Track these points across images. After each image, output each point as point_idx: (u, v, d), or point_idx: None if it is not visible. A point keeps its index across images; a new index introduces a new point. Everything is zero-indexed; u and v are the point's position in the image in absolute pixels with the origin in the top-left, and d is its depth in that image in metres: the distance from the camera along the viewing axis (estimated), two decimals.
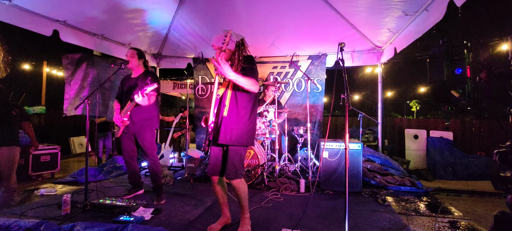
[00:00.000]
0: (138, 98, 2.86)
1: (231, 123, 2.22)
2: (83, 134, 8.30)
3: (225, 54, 2.23)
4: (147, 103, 2.99)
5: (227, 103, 2.23)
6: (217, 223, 2.41)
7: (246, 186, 2.32)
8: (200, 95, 6.12)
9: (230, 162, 2.23)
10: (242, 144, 2.25)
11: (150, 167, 3.21)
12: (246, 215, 2.36)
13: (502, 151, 1.80)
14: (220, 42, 2.18)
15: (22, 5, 3.38)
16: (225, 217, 2.45)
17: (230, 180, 2.24)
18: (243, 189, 2.29)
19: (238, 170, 2.24)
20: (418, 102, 21.17)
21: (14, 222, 2.26)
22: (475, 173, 5.01)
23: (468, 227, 2.56)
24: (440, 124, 6.98)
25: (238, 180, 2.25)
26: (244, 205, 2.32)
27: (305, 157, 4.61)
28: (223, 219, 2.44)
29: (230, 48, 2.24)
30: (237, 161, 2.23)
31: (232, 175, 2.22)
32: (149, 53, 5.74)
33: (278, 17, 4.53)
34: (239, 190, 2.27)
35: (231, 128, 2.22)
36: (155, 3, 4.22)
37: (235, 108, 2.24)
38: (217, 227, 2.38)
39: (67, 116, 4.89)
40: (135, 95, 2.86)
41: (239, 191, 2.27)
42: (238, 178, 2.25)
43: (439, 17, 3.05)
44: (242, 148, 2.28)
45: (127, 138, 3.19)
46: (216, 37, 2.23)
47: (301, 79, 5.67)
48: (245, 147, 2.31)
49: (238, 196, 2.30)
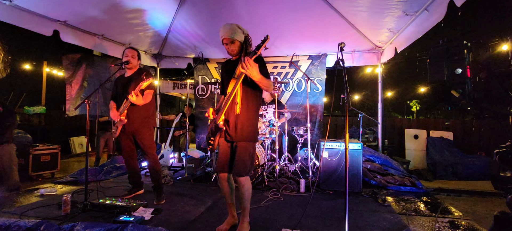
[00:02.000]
0: (132, 98, 2.86)
1: (243, 120, 2.22)
2: (83, 134, 8.30)
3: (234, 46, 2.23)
4: (143, 102, 2.99)
5: (239, 101, 2.23)
6: (225, 223, 2.39)
7: (251, 186, 2.31)
8: (200, 95, 6.12)
9: (240, 159, 2.22)
10: (252, 140, 2.27)
11: (150, 166, 3.21)
12: (246, 219, 2.31)
13: (502, 151, 1.81)
14: (230, 34, 2.18)
15: (23, 5, 3.39)
16: (233, 217, 2.43)
17: (238, 177, 2.23)
18: (248, 187, 2.27)
19: (248, 167, 2.24)
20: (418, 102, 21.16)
21: (14, 222, 2.27)
22: (475, 173, 4.99)
23: (468, 227, 2.56)
24: (440, 123, 6.97)
25: (245, 178, 2.25)
26: (246, 206, 2.29)
27: (305, 157, 4.61)
28: (230, 219, 2.42)
29: (239, 40, 2.23)
30: (247, 157, 2.23)
31: (241, 171, 2.21)
32: (149, 53, 5.74)
33: (278, 17, 4.53)
34: (244, 187, 2.25)
35: (243, 124, 2.22)
36: (155, 3, 4.23)
37: (246, 106, 2.25)
38: (226, 227, 2.36)
39: (69, 116, 4.90)
40: (129, 96, 2.86)
41: (244, 189, 2.25)
42: (246, 175, 2.25)
43: (440, 17, 3.05)
44: (252, 144, 2.29)
45: (125, 137, 3.18)
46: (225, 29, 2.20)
47: (301, 79, 5.67)
48: (254, 143, 2.33)
49: (241, 194, 2.27)
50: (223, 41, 2.25)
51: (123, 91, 3.10)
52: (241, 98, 2.22)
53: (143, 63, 5.49)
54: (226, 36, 2.20)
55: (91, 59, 5.13)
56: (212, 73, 6.09)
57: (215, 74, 6.07)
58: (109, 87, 5.21)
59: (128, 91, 2.97)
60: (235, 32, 2.19)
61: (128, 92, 2.94)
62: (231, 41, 2.22)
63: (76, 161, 6.89)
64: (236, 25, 2.22)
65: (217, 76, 6.05)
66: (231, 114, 2.24)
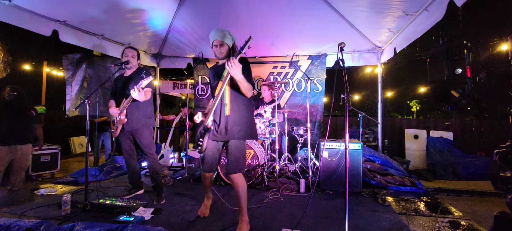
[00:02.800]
0: (134, 93, 2.85)
1: (233, 120, 2.29)
2: (83, 134, 8.29)
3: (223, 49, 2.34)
4: (144, 98, 3.00)
5: (228, 102, 2.29)
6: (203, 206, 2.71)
7: (245, 184, 2.32)
8: (200, 95, 6.12)
9: (232, 156, 2.30)
10: (243, 137, 2.33)
11: (150, 165, 3.22)
12: (245, 218, 2.30)
13: (502, 151, 1.80)
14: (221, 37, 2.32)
15: (22, 5, 3.38)
16: (209, 198, 2.78)
17: (231, 174, 2.28)
18: (243, 185, 2.29)
19: (240, 164, 2.31)
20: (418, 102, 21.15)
21: (14, 222, 2.27)
22: (475, 173, 4.99)
23: (468, 227, 2.56)
24: (440, 124, 6.97)
25: (239, 174, 2.29)
26: (243, 205, 2.29)
27: (305, 157, 4.61)
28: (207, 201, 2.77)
29: (228, 44, 2.35)
30: (238, 154, 2.32)
31: (234, 168, 2.28)
32: (149, 53, 5.73)
33: (278, 17, 4.52)
34: (238, 185, 2.27)
35: (233, 124, 2.29)
36: (155, 3, 4.22)
37: (237, 106, 2.31)
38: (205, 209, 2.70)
39: (69, 117, 4.90)
40: (131, 90, 2.86)
41: (238, 187, 2.27)
42: (240, 172, 2.30)
43: (439, 17, 3.05)
44: (243, 142, 2.36)
45: (125, 137, 3.20)
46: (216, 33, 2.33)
47: (301, 79, 5.67)
48: (245, 141, 2.40)
49: (237, 193, 2.28)
50: (213, 43, 2.36)
51: (123, 90, 3.11)
52: (229, 99, 2.30)
53: (143, 63, 5.49)
54: (216, 38, 2.33)
55: (91, 59, 5.12)
56: None
57: None
58: (108, 87, 5.20)
59: (127, 90, 2.97)
60: (225, 36, 2.33)
61: (128, 91, 2.94)
62: (221, 44, 2.34)
63: (76, 161, 6.89)
64: (227, 31, 2.36)
65: None
66: (221, 115, 2.31)
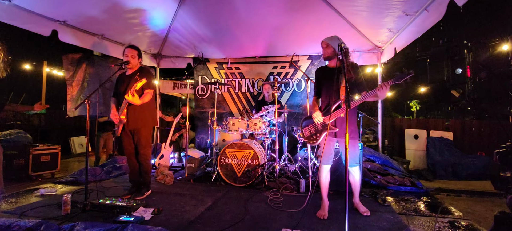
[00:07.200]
0: (129, 97, 2.88)
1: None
2: (83, 133, 8.30)
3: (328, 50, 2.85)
4: (140, 102, 3.01)
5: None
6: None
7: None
8: (200, 95, 6.12)
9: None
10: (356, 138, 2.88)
11: (141, 163, 3.27)
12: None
13: (502, 151, 1.80)
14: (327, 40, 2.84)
15: (22, 5, 3.38)
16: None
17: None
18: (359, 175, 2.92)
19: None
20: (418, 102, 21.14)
21: (14, 222, 2.27)
22: (475, 173, 4.99)
23: (468, 227, 2.56)
24: (440, 124, 6.96)
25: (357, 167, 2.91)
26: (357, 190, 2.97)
27: (305, 157, 4.61)
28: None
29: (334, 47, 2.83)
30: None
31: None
32: (149, 53, 5.73)
33: (278, 17, 4.52)
34: (355, 177, 2.94)
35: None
36: (155, 3, 4.22)
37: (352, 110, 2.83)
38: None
39: (70, 117, 4.91)
40: (126, 96, 2.89)
41: (355, 179, 2.95)
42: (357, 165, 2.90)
43: (439, 17, 3.06)
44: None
45: (126, 135, 3.22)
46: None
47: (301, 79, 5.67)
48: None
49: (354, 184, 2.95)
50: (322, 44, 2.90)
51: (123, 89, 3.13)
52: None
53: (143, 63, 5.49)
54: (323, 40, 2.88)
55: (91, 59, 5.13)
56: (212, 73, 6.08)
57: (215, 74, 6.07)
58: (109, 87, 5.21)
59: (127, 90, 2.99)
60: (331, 39, 2.86)
61: (127, 91, 2.96)
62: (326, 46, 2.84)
63: (76, 161, 6.89)
64: (336, 36, 2.92)
65: (217, 76, 6.04)
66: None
